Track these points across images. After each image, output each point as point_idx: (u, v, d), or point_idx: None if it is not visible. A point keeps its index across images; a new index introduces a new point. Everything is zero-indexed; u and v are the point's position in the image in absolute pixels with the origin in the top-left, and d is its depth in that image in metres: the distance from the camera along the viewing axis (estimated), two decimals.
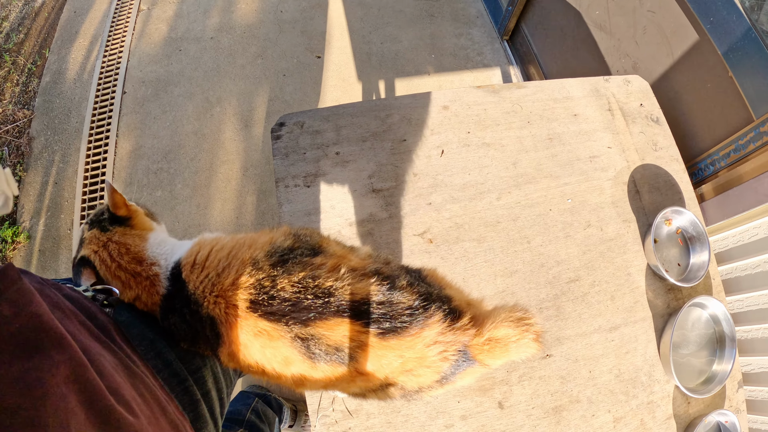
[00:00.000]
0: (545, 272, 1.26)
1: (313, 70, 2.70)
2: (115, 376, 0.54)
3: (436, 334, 0.70)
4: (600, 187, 1.37)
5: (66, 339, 0.47)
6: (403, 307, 0.69)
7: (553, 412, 1.17)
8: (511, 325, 0.73)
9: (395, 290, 0.71)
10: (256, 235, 0.82)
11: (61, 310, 0.58)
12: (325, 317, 0.69)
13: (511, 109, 1.41)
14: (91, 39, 2.80)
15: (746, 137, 1.41)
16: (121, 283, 0.80)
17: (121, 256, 0.80)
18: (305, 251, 0.76)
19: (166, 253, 0.82)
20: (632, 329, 1.27)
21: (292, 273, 0.72)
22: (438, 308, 0.71)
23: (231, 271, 0.74)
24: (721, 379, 1.26)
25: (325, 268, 0.72)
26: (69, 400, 0.44)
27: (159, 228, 0.90)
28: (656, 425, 1.22)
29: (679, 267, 1.35)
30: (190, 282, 0.76)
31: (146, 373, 0.67)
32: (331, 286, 0.70)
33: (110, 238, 0.82)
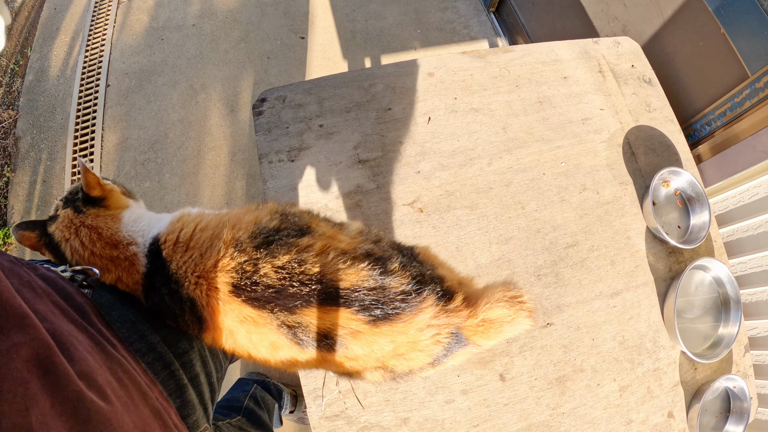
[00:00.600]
0: (541, 238, 1.22)
1: (298, 51, 2.68)
2: (88, 360, 0.50)
3: (429, 318, 0.67)
4: (594, 149, 1.33)
5: (29, 318, 0.43)
6: (395, 292, 0.67)
7: (556, 383, 1.13)
8: (505, 305, 0.71)
9: (387, 275, 0.67)
10: (242, 213, 0.78)
11: (32, 289, 0.54)
12: (312, 305, 0.66)
13: (499, 73, 1.37)
14: (73, 34, 2.76)
15: (742, 94, 1.37)
16: (99, 268, 0.76)
17: (94, 243, 0.76)
18: (291, 232, 0.72)
19: (142, 230, 0.78)
20: (634, 294, 1.23)
21: (276, 256, 0.68)
22: (431, 291, 0.68)
23: (213, 251, 0.71)
24: (727, 343, 1.23)
25: (312, 251, 0.69)
26: (30, 386, 0.40)
27: (135, 205, 0.86)
28: (663, 393, 1.18)
29: (680, 229, 1.31)
30: (173, 261, 0.72)
31: (127, 356, 0.63)
32: (319, 272, 0.66)
33: (83, 222, 0.77)
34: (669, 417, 1.17)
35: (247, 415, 1.35)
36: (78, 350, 0.50)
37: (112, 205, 0.81)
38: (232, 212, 0.80)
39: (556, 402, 1.11)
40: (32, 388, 0.40)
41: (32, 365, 0.41)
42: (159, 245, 0.75)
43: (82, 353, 0.50)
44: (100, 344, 0.57)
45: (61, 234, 0.77)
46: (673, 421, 1.17)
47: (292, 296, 0.65)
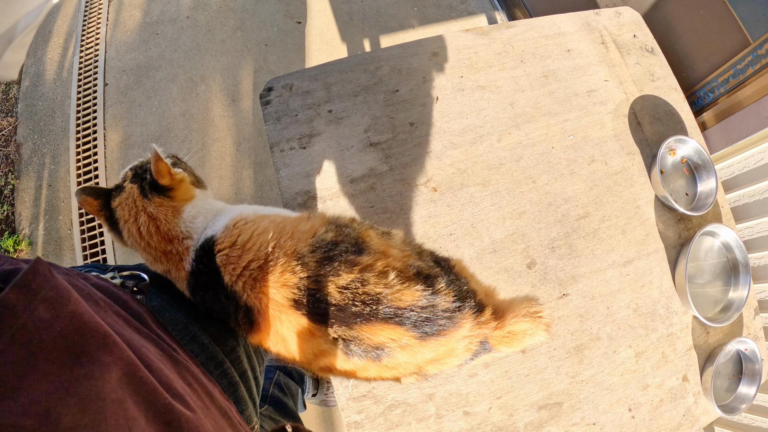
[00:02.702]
0: (554, 211, 1.23)
1: (295, 36, 2.65)
2: (164, 370, 0.50)
3: (466, 331, 0.72)
4: (600, 121, 1.33)
5: (111, 337, 0.43)
6: (442, 310, 0.71)
7: (574, 352, 1.15)
8: (528, 320, 0.78)
9: (436, 294, 0.71)
10: (297, 221, 0.79)
11: (95, 302, 0.53)
12: (371, 322, 0.69)
13: (503, 49, 1.37)
14: (66, 36, 2.72)
15: (744, 61, 1.38)
16: (151, 257, 0.78)
17: (151, 236, 0.77)
18: (349, 247, 0.74)
19: (199, 228, 0.79)
20: (646, 262, 1.24)
21: (340, 275, 0.70)
22: (469, 307, 0.74)
23: (275, 264, 0.71)
24: (738, 306, 1.25)
25: (373, 271, 0.71)
26: (127, 406, 0.39)
27: (200, 194, 0.85)
28: (677, 357, 1.21)
29: (687, 196, 1.32)
30: (228, 268, 0.73)
31: (188, 360, 0.63)
32: (380, 293, 0.69)
33: (145, 208, 0.78)
34: (684, 381, 1.20)
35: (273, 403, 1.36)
36: (153, 360, 0.50)
37: (178, 196, 0.81)
38: (288, 219, 0.80)
39: (575, 370, 1.14)
40: (129, 408, 0.39)
41: (123, 384, 0.40)
42: (213, 248, 0.75)
43: (157, 363, 0.50)
44: (165, 351, 0.57)
45: (121, 213, 0.79)
46: (687, 385, 1.20)
47: (353, 314, 0.69)
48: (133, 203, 0.78)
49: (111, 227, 0.81)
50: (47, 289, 0.39)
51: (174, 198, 0.80)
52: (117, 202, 0.80)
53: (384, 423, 1.04)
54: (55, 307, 0.39)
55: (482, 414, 1.08)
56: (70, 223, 2.21)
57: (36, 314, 0.37)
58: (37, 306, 0.37)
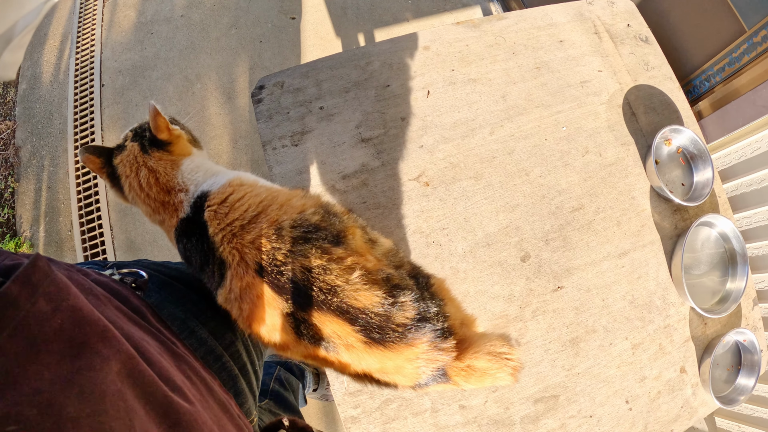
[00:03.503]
0: (547, 203, 1.22)
1: (290, 32, 2.65)
2: (162, 362, 0.51)
3: (420, 352, 0.71)
4: (594, 112, 1.32)
5: (110, 330, 0.43)
6: (397, 323, 0.70)
7: (570, 344, 1.14)
8: (492, 359, 0.74)
9: (395, 306, 0.70)
10: (291, 195, 0.80)
11: (95, 296, 0.54)
12: (322, 311, 0.69)
13: (494, 42, 1.36)
14: (61, 38, 2.72)
15: (739, 49, 1.37)
16: (150, 209, 0.82)
17: (150, 187, 0.81)
18: (329, 236, 0.74)
19: (196, 180, 0.82)
20: (642, 253, 1.24)
21: (308, 257, 0.70)
22: (431, 329, 0.71)
23: (255, 228, 0.73)
24: (735, 297, 1.24)
25: (340, 264, 0.71)
26: (127, 397, 0.40)
27: (198, 153, 0.89)
28: (675, 348, 1.20)
29: (683, 187, 1.31)
30: (213, 223, 0.76)
31: (187, 354, 0.63)
32: (339, 285, 0.69)
33: (145, 163, 0.82)
34: (681, 372, 1.19)
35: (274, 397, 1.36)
36: (152, 353, 0.50)
37: (176, 151, 0.85)
38: (283, 190, 0.82)
39: (571, 363, 1.13)
40: (129, 399, 0.40)
41: (123, 376, 0.41)
42: (205, 202, 0.78)
43: (156, 356, 0.50)
44: (164, 344, 0.58)
45: (123, 169, 0.83)
46: (685, 376, 1.19)
47: (307, 297, 0.69)
48: (134, 159, 0.83)
49: (113, 184, 0.86)
50: (47, 283, 0.39)
51: (172, 152, 0.84)
52: (119, 159, 0.84)
53: (380, 417, 1.04)
54: (55, 300, 0.39)
55: (478, 408, 1.08)
56: (70, 224, 2.22)
57: (37, 307, 0.37)
58: (38, 299, 0.38)
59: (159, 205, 0.81)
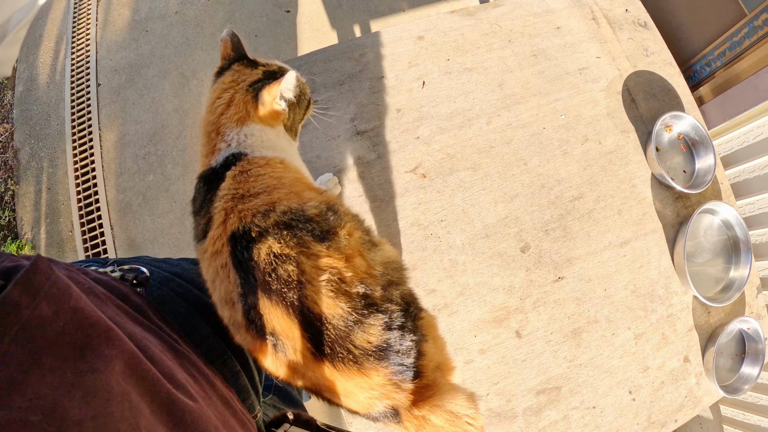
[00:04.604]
0: (546, 193, 1.21)
1: (285, 25, 2.63)
2: (166, 361, 0.50)
3: (374, 384, 0.64)
4: (593, 99, 1.30)
5: (113, 330, 0.43)
6: (355, 344, 0.63)
7: (572, 335, 1.13)
8: (450, 420, 0.66)
9: (359, 327, 0.64)
10: (307, 187, 0.77)
11: (96, 295, 0.53)
12: (272, 301, 0.64)
13: (490, 30, 1.34)
14: (57, 39, 2.71)
15: (740, 33, 1.35)
16: (203, 123, 0.82)
17: (222, 112, 0.80)
18: (315, 230, 0.69)
19: (241, 143, 0.79)
20: (643, 242, 1.22)
21: (281, 243, 0.66)
22: (396, 363, 0.65)
23: (251, 201, 0.71)
24: (739, 285, 1.22)
25: (312, 261, 0.66)
26: (132, 398, 0.40)
27: (279, 132, 0.85)
28: (678, 338, 1.19)
29: (685, 174, 1.29)
30: (230, 180, 0.74)
31: (189, 351, 0.63)
32: (301, 282, 0.64)
33: (237, 93, 0.81)
34: (685, 361, 1.18)
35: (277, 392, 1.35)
36: (154, 352, 0.50)
37: (260, 115, 0.82)
38: (306, 181, 0.80)
39: (573, 354, 1.12)
40: (134, 399, 0.40)
41: (127, 376, 0.41)
42: (235, 163, 0.77)
43: (159, 354, 0.50)
44: (167, 342, 0.57)
45: (227, 75, 0.83)
46: (689, 365, 1.18)
47: (264, 283, 0.65)
48: (238, 81, 0.82)
49: (215, 75, 0.86)
50: (49, 285, 0.39)
51: (257, 112, 0.81)
52: (237, 67, 0.84)
53: None
54: (57, 303, 0.39)
55: (480, 400, 1.06)
56: (71, 225, 2.22)
57: (39, 311, 0.37)
58: (40, 302, 0.37)
59: (211, 131, 0.80)
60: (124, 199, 2.23)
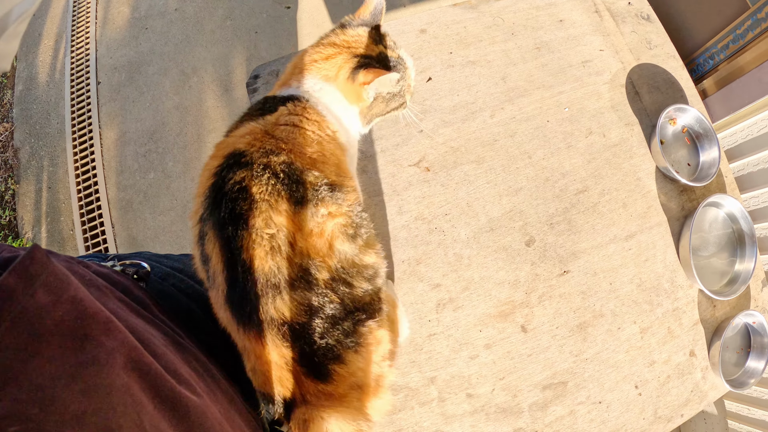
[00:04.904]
0: (551, 186, 1.20)
1: (285, 21, 2.63)
2: (168, 355, 0.50)
3: (269, 359, 0.62)
4: (597, 92, 1.30)
5: (113, 323, 0.42)
6: (265, 308, 0.61)
7: (577, 330, 1.12)
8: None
9: (276, 293, 0.61)
10: (336, 164, 0.77)
11: (97, 287, 0.52)
12: (216, 231, 0.64)
13: (493, 22, 1.33)
14: (56, 38, 2.71)
15: (743, 26, 1.34)
16: (291, 67, 0.86)
17: (314, 53, 0.83)
18: (297, 193, 0.66)
19: (312, 92, 0.81)
20: (649, 235, 1.21)
21: (256, 180, 0.64)
22: (300, 350, 0.61)
23: (274, 140, 0.71)
24: (744, 278, 1.21)
25: (271, 214, 0.63)
26: (134, 392, 0.39)
27: (348, 105, 0.85)
28: (684, 332, 1.18)
29: (689, 167, 1.29)
30: (275, 113, 0.76)
31: (193, 345, 0.62)
32: (245, 222, 0.62)
33: (337, 53, 0.82)
34: (691, 356, 1.17)
35: None
36: (157, 346, 0.49)
37: (346, 89, 0.82)
38: (338, 160, 0.78)
39: (579, 348, 1.11)
40: (136, 394, 0.39)
41: (129, 369, 0.40)
42: (292, 102, 0.78)
43: (162, 348, 0.49)
44: (170, 336, 0.57)
45: (346, 33, 0.85)
46: (695, 360, 1.17)
47: (217, 206, 0.64)
48: (351, 45, 0.84)
49: (339, 26, 0.90)
50: (46, 274, 0.38)
51: (344, 81, 0.82)
52: (362, 31, 0.86)
53: None
54: (54, 292, 0.38)
55: (485, 396, 1.06)
56: (71, 223, 2.22)
57: (36, 299, 0.36)
58: (37, 291, 0.36)
59: (294, 67, 0.84)
60: (124, 197, 2.22)
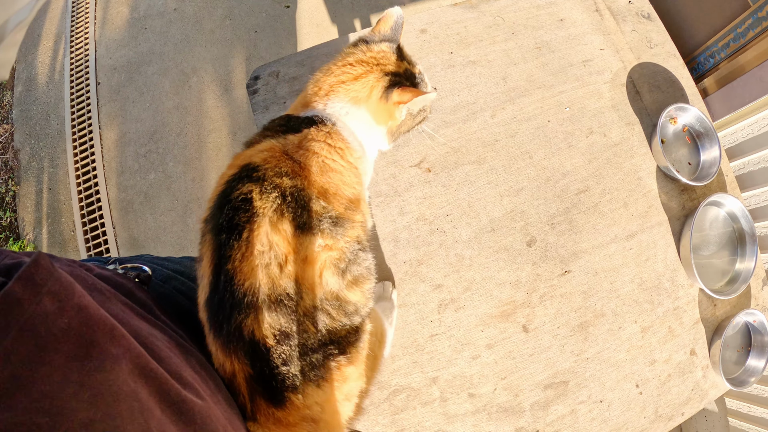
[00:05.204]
0: (552, 186, 1.20)
1: (285, 21, 2.62)
2: (173, 358, 0.50)
3: (227, 368, 0.62)
4: (598, 91, 1.29)
5: (118, 329, 0.42)
6: (236, 319, 0.60)
7: (579, 329, 1.12)
8: None
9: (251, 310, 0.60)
10: (348, 197, 0.75)
11: (100, 291, 0.52)
12: (210, 233, 0.65)
13: (493, 22, 1.33)
14: (55, 38, 2.70)
15: (744, 24, 1.34)
16: (314, 86, 0.83)
17: (334, 75, 0.81)
18: (301, 218, 0.66)
19: (338, 116, 0.79)
20: (649, 235, 1.21)
21: (262, 196, 0.64)
22: (257, 369, 0.61)
23: (292, 162, 0.71)
24: (745, 277, 1.22)
25: (269, 231, 0.63)
26: (141, 397, 0.39)
27: (375, 126, 0.83)
28: (684, 331, 1.18)
29: (690, 166, 1.29)
30: (303, 134, 0.75)
31: (195, 347, 0.62)
32: (239, 232, 0.62)
33: (367, 72, 0.81)
34: (691, 354, 1.17)
35: None
36: (162, 349, 0.49)
37: (378, 109, 0.81)
38: (349, 192, 0.76)
39: (580, 348, 1.11)
40: (143, 399, 0.39)
41: (135, 375, 0.40)
42: (316, 125, 0.77)
43: (166, 352, 0.49)
44: (173, 338, 0.57)
45: (370, 50, 0.83)
46: (695, 359, 1.17)
47: (219, 212, 0.65)
48: (380, 62, 0.82)
49: (357, 42, 0.87)
50: (52, 282, 0.38)
51: (377, 102, 0.81)
52: (386, 47, 0.84)
53: (389, 408, 1.03)
54: (60, 299, 0.38)
55: (487, 396, 1.06)
56: (72, 225, 2.21)
57: (42, 307, 0.36)
58: (43, 299, 0.36)
59: (318, 87, 0.81)
60: (125, 198, 2.22)
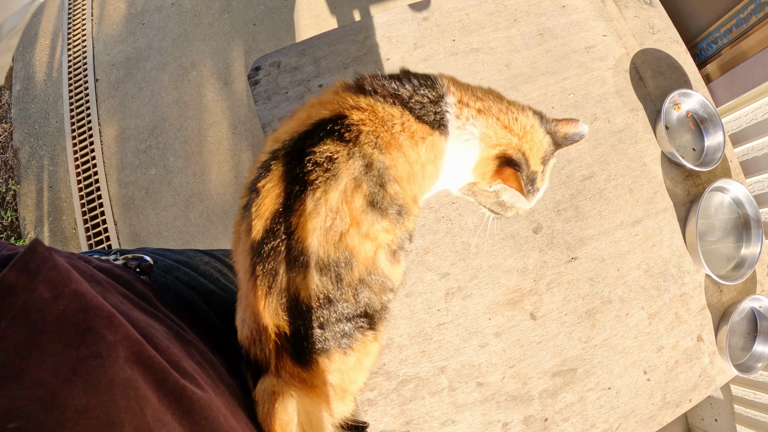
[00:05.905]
0: (557, 172, 1.19)
1: (283, 13, 2.62)
2: (172, 348, 0.50)
3: (262, 317, 0.63)
4: (601, 77, 1.29)
5: (116, 316, 0.42)
6: (282, 273, 0.62)
7: (586, 316, 1.12)
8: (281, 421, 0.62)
9: (302, 267, 0.62)
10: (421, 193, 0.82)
11: (98, 282, 0.52)
12: (280, 175, 0.66)
13: (495, 9, 1.32)
14: (52, 36, 2.70)
15: (747, 10, 1.33)
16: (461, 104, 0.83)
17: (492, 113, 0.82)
18: (375, 196, 0.68)
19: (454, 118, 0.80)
20: (655, 221, 1.21)
21: (348, 159, 0.66)
22: (294, 325, 0.63)
23: (385, 134, 0.71)
24: (750, 263, 1.21)
25: (340, 198, 0.64)
26: (138, 385, 0.39)
27: (467, 165, 0.85)
28: (691, 317, 1.18)
29: (695, 152, 1.28)
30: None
31: (196, 338, 0.62)
32: (313, 190, 0.63)
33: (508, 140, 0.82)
34: (698, 340, 1.17)
35: None
36: (161, 339, 0.49)
37: (483, 165, 0.83)
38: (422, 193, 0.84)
39: (588, 335, 1.11)
40: (140, 387, 0.39)
41: (132, 363, 0.40)
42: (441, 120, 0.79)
43: (165, 342, 0.49)
44: (173, 329, 0.57)
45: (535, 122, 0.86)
46: (702, 344, 1.17)
47: (298, 158, 0.65)
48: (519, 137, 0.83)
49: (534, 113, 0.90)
50: (47, 269, 0.38)
51: (485, 160, 0.83)
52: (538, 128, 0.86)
53: (397, 399, 1.02)
54: (56, 286, 0.38)
55: (496, 384, 1.06)
56: (74, 222, 2.22)
57: (37, 294, 0.36)
58: (38, 286, 0.36)
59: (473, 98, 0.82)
60: (126, 194, 2.21)
